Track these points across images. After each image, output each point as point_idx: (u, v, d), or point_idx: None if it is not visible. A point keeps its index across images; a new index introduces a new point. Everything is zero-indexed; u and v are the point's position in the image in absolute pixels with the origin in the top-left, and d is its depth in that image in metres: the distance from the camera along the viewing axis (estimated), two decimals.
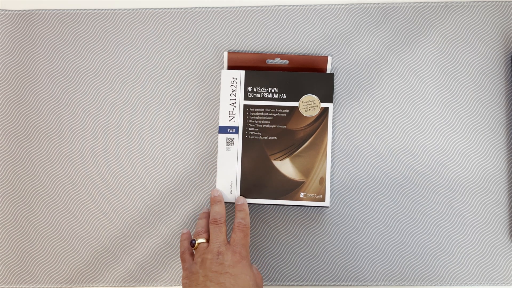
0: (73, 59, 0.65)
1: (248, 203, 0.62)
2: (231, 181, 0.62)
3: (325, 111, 0.62)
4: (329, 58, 0.63)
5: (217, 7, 0.65)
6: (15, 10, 0.66)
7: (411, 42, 0.64)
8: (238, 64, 0.63)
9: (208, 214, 0.61)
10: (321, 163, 0.61)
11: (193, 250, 0.57)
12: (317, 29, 0.64)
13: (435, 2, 0.64)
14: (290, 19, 0.65)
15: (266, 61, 0.63)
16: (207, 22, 0.65)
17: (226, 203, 0.63)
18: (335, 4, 0.65)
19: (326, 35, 0.65)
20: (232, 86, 0.62)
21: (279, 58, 0.63)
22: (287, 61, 0.63)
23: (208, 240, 0.57)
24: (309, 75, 0.62)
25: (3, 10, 0.66)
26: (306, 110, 0.62)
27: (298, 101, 0.62)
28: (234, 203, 0.61)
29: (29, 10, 0.66)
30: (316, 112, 0.62)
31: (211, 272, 0.54)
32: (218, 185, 0.62)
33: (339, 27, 0.65)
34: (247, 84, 0.62)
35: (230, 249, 0.56)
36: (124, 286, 0.63)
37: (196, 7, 0.65)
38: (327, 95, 0.62)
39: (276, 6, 0.65)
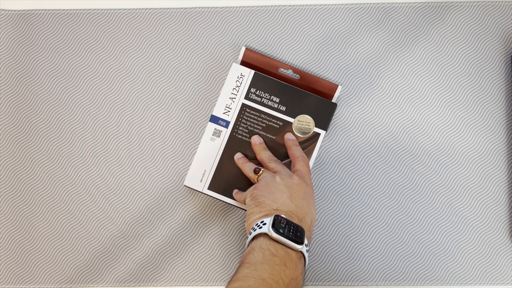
0: (73, 59, 0.65)
1: (211, 196, 0.62)
2: (205, 171, 0.61)
3: (316, 136, 0.61)
4: (339, 88, 0.62)
5: (217, 7, 0.65)
6: (15, 10, 0.66)
7: (411, 42, 0.64)
8: (252, 62, 0.63)
9: (246, 159, 0.60)
10: None
11: (256, 179, 0.57)
12: (317, 29, 0.64)
13: (435, 2, 0.64)
14: (290, 19, 0.65)
15: (279, 69, 0.63)
16: (207, 22, 0.65)
17: (191, 189, 0.62)
18: (335, 4, 0.65)
19: (326, 35, 0.64)
20: (237, 82, 0.61)
21: (292, 71, 0.63)
22: (299, 76, 0.63)
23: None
24: (313, 98, 0.61)
25: (3, 10, 0.66)
26: (298, 129, 0.61)
27: (294, 118, 0.61)
28: (199, 191, 0.61)
29: (29, 10, 0.66)
30: (307, 134, 0.61)
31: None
32: (191, 170, 0.61)
33: (339, 27, 0.65)
34: (252, 84, 0.61)
35: (303, 180, 0.56)
36: (124, 286, 0.63)
37: (196, 7, 0.65)
38: (323, 122, 0.61)
39: (276, 6, 0.65)
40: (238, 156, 0.60)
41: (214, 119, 0.61)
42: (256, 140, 0.60)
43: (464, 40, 0.64)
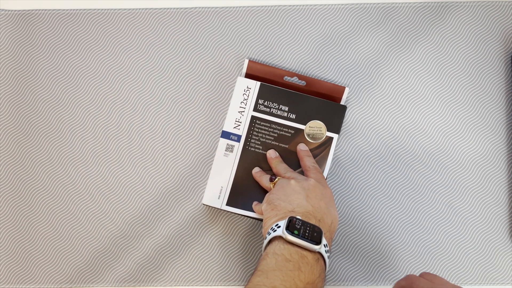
0: (73, 59, 0.65)
1: (231, 212, 0.61)
2: (221, 187, 0.61)
3: (329, 140, 0.61)
4: (346, 90, 0.62)
5: (217, 7, 0.65)
6: (15, 10, 0.66)
7: (411, 42, 0.64)
8: (256, 73, 0.63)
9: (263, 172, 0.60)
10: None
11: (271, 186, 0.57)
12: (317, 29, 0.64)
13: (435, 2, 0.64)
14: (290, 19, 0.65)
15: (284, 77, 0.63)
16: (207, 22, 0.65)
17: (210, 207, 0.62)
18: (335, 4, 0.65)
19: (326, 35, 0.65)
20: (244, 95, 0.61)
21: (297, 78, 0.63)
22: (304, 82, 0.63)
23: None
24: (322, 102, 0.61)
25: (3, 10, 0.66)
26: (311, 135, 0.61)
27: (305, 125, 0.61)
28: (218, 208, 0.61)
29: (29, 10, 0.66)
30: (320, 139, 0.61)
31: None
32: (208, 188, 0.61)
33: (339, 27, 0.65)
34: (259, 96, 0.61)
35: (320, 182, 0.55)
36: (124, 286, 0.63)
37: (196, 7, 0.65)
38: (335, 126, 0.61)
39: (276, 6, 0.65)
40: (255, 170, 0.60)
41: (226, 135, 0.61)
42: (271, 154, 0.60)
43: (464, 40, 0.64)
